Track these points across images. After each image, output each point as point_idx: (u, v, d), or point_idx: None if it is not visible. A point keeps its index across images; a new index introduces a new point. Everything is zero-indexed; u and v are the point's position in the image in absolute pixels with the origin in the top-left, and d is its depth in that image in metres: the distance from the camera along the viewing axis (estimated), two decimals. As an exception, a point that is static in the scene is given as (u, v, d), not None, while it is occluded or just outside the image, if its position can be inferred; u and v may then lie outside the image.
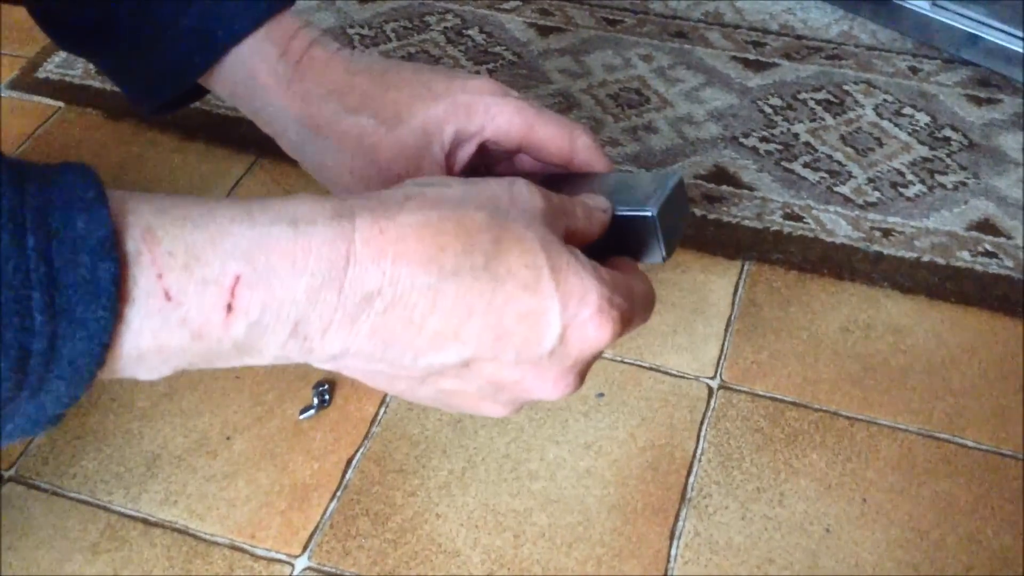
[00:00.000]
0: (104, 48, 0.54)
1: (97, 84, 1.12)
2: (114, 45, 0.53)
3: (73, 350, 0.30)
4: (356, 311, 0.34)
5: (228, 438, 0.80)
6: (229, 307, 0.33)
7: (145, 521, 0.75)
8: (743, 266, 0.93)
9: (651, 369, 0.84)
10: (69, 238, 0.30)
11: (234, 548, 0.73)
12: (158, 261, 0.32)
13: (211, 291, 0.32)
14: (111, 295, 0.31)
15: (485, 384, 0.38)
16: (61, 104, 1.10)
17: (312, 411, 0.80)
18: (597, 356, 0.40)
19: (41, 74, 1.14)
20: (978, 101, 1.09)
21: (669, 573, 0.72)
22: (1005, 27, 1.09)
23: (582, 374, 0.40)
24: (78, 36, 0.55)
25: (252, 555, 0.73)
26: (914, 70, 1.14)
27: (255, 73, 0.50)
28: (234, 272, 0.32)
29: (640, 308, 0.41)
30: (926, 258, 0.92)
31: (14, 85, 1.13)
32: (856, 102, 1.09)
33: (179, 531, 0.74)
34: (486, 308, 0.36)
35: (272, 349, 0.35)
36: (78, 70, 1.14)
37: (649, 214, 0.43)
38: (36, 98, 1.11)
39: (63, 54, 1.17)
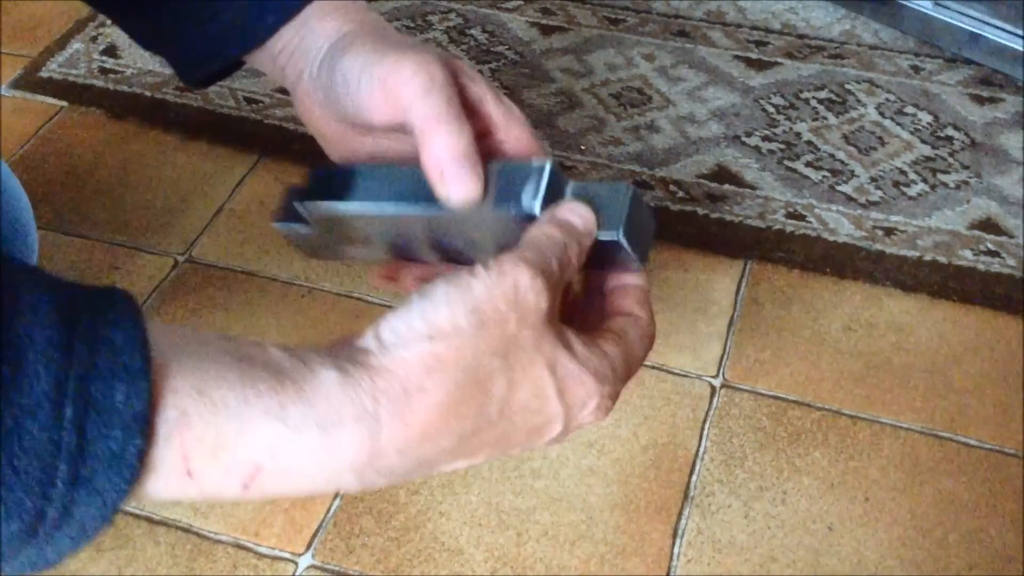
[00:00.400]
0: (158, 15, 0.54)
1: (100, 83, 1.13)
2: (171, 10, 0.53)
3: (86, 515, 0.31)
4: (373, 481, 0.37)
5: (232, 436, 0.80)
6: (246, 488, 0.35)
7: (149, 519, 0.75)
8: (745, 265, 0.93)
9: (654, 368, 0.84)
10: (106, 410, 0.31)
11: (238, 546, 0.73)
12: (187, 445, 0.33)
13: (232, 475, 0.34)
14: (134, 471, 0.31)
15: (485, 460, 0.43)
16: (64, 103, 1.11)
17: None
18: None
19: (44, 73, 1.14)
20: (980, 100, 1.10)
21: (672, 571, 0.72)
22: (1007, 26, 1.09)
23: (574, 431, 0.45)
24: (130, 3, 0.54)
25: (256, 553, 0.73)
26: (916, 69, 1.14)
27: (317, 8, 0.50)
28: (257, 463, 0.34)
29: (636, 369, 0.44)
30: (928, 257, 0.92)
31: (17, 84, 1.13)
32: (858, 101, 1.09)
33: (183, 529, 0.74)
34: (497, 439, 0.39)
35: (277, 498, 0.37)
36: (81, 69, 1.14)
37: (613, 238, 0.44)
38: (39, 97, 1.11)
39: (66, 53, 1.17)
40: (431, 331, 0.38)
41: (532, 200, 0.44)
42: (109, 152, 1.05)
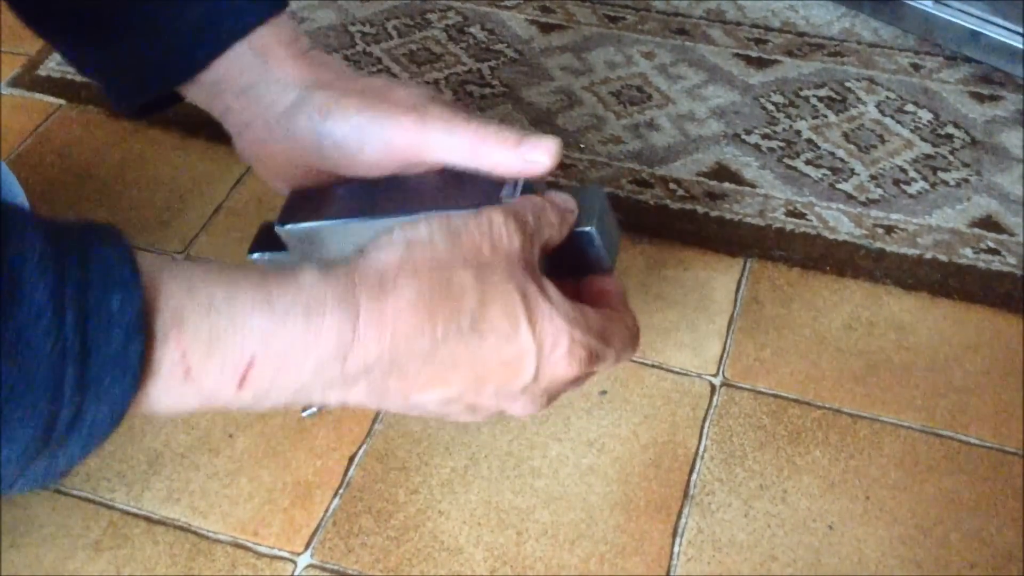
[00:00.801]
0: (96, 38, 0.54)
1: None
2: (110, 34, 0.53)
3: (95, 418, 0.33)
4: (355, 378, 0.39)
5: (230, 436, 0.80)
6: (241, 383, 0.36)
7: (147, 519, 0.75)
8: (745, 263, 0.93)
9: (653, 366, 0.84)
10: (104, 315, 0.32)
11: (237, 546, 0.73)
12: (183, 343, 0.35)
13: (228, 370, 0.36)
14: (136, 371, 0.33)
15: (464, 408, 0.44)
16: (62, 102, 1.10)
17: (314, 409, 0.80)
18: (569, 385, 0.45)
19: (42, 72, 1.14)
20: (980, 98, 1.09)
21: (672, 570, 0.72)
22: (1007, 24, 1.09)
23: (552, 397, 0.45)
24: (67, 24, 0.55)
25: (255, 553, 0.73)
26: (916, 67, 1.13)
27: (266, 50, 0.51)
28: (250, 354, 0.36)
29: (617, 345, 0.46)
30: (929, 255, 0.92)
31: (15, 83, 1.13)
32: (858, 99, 1.09)
33: (181, 529, 0.74)
34: (471, 360, 0.41)
35: (271, 405, 0.39)
36: (79, 68, 1.14)
37: (588, 230, 0.48)
38: (37, 95, 1.11)
39: (64, 52, 1.17)
40: (408, 241, 0.41)
41: (510, 196, 0.46)
42: (107, 150, 1.05)
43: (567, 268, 0.48)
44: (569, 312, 0.42)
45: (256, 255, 0.51)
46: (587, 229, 0.48)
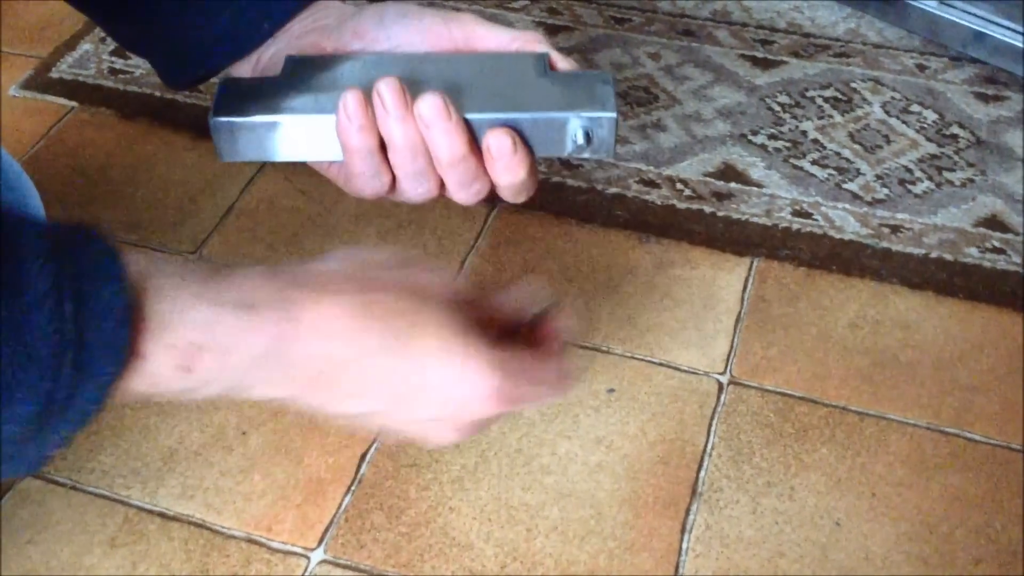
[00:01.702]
0: (154, 15, 0.55)
1: (110, 84, 1.13)
2: (171, 11, 0.54)
3: (85, 399, 0.36)
4: (290, 374, 0.41)
5: (244, 433, 0.81)
6: (188, 368, 0.39)
7: (162, 515, 0.76)
8: (752, 262, 0.93)
9: (661, 365, 0.85)
10: (97, 306, 0.35)
11: (251, 541, 0.74)
12: (137, 326, 0.37)
13: (174, 354, 0.38)
14: (123, 355, 0.36)
15: (384, 422, 0.46)
16: (74, 104, 1.11)
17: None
18: (487, 422, 0.46)
19: (54, 74, 1.15)
20: (985, 98, 1.10)
21: (680, 566, 0.73)
22: (1012, 24, 1.10)
23: (471, 431, 0.46)
24: (126, 4, 0.55)
25: (268, 548, 0.74)
26: (921, 68, 1.14)
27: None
28: (195, 342, 0.38)
29: (541, 391, 0.46)
30: (934, 254, 0.93)
31: (27, 85, 1.14)
32: (864, 99, 1.10)
33: (196, 525, 0.75)
34: (388, 379, 0.42)
35: (207, 395, 0.41)
36: (91, 70, 1.15)
37: (612, 114, 0.49)
38: (49, 98, 1.12)
39: (77, 54, 1.18)
40: (364, 261, 0.43)
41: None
42: (119, 152, 1.06)
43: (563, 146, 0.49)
44: (498, 358, 0.43)
45: (222, 119, 0.49)
46: (611, 114, 0.48)
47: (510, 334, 0.47)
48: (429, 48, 0.51)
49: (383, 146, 0.47)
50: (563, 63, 0.51)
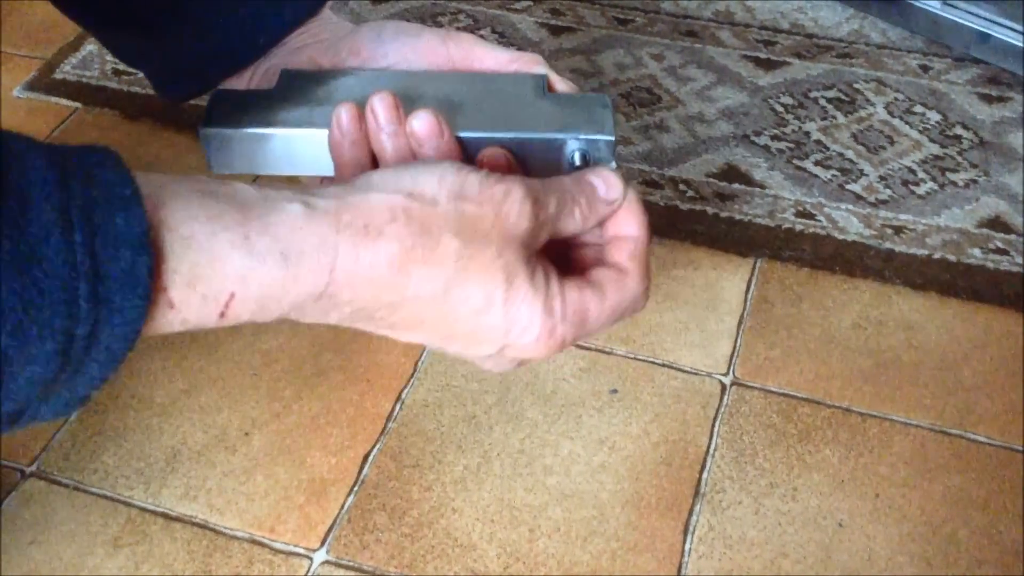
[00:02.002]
0: (148, 29, 0.55)
1: (114, 85, 1.14)
2: (165, 25, 0.54)
3: (111, 335, 0.34)
4: (327, 312, 0.40)
5: (247, 433, 0.81)
6: (223, 315, 0.37)
7: (165, 516, 0.76)
8: (755, 263, 0.93)
9: (664, 366, 0.85)
10: (111, 233, 0.33)
11: (253, 542, 0.74)
12: (164, 277, 0.35)
13: (209, 304, 0.37)
14: (146, 286, 0.34)
15: (436, 347, 0.44)
16: (78, 105, 1.12)
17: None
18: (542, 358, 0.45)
19: (58, 75, 1.15)
20: (988, 99, 1.10)
21: (683, 567, 0.73)
22: (1015, 25, 1.10)
23: (521, 364, 0.45)
24: (114, 19, 0.56)
25: (271, 549, 0.74)
26: (925, 68, 1.14)
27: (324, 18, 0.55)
28: (230, 291, 0.37)
29: (599, 324, 0.45)
30: (937, 255, 0.93)
31: (31, 86, 1.14)
32: (867, 100, 1.10)
33: (199, 525, 0.75)
34: (436, 320, 0.41)
35: (252, 322, 0.40)
36: (95, 71, 1.15)
37: (610, 137, 0.48)
38: (53, 99, 1.12)
39: (80, 55, 1.18)
40: (412, 190, 0.41)
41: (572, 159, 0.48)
42: (123, 153, 1.06)
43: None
44: (548, 300, 0.42)
45: (213, 130, 0.48)
46: (610, 137, 0.48)
47: (578, 246, 0.46)
48: (427, 66, 0.51)
49: (375, 162, 0.47)
50: (562, 85, 0.51)
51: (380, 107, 0.45)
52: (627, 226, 0.46)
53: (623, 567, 0.73)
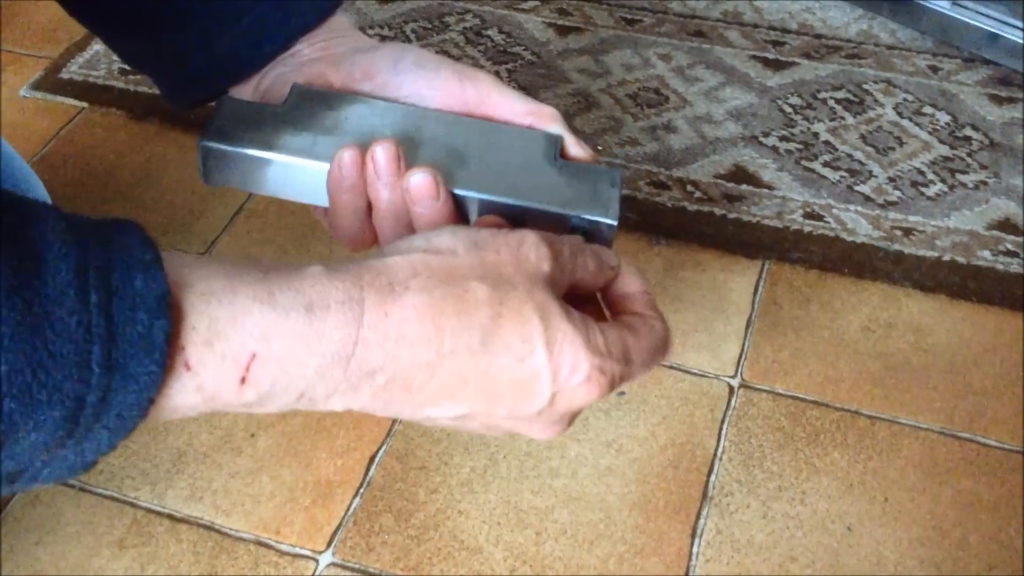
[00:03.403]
0: (159, 35, 0.54)
1: (120, 85, 1.13)
2: (169, 35, 0.53)
3: (123, 402, 0.32)
4: (359, 383, 0.37)
5: (252, 435, 0.81)
6: (243, 380, 0.35)
7: (171, 517, 0.76)
8: (763, 265, 0.93)
9: (672, 368, 0.85)
10: (129, 296, 0.32)
11: (259, 544, 0.74)
12: (182, 336, 0.34)
13: (228, 365, 0.35)
14: (163, 351, 0.32)
15: (479, 427, 0.42)
16: (85, 104, 1.11)
17: None
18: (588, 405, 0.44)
19: (65, 75, 1.15)
20: (999, 100, 1.09)
21: (691, 571, 0.72)
22: (1026, 26, 1.09)
23: (571, 421, 0.43)
24: (129, 22, 0.55)
25: (277, 551, 0.74)
26: (934, 69, 1.13)
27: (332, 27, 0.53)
28: (251, 350, 0.35)
29: (643, 359, 0.43)
30: (947, 257, 0.92)
31: (38, 86, 1.14)
32: (876, 101, 1.09)
33: (205, 527, 0.75)
34: (480, 377, 0.39)
35: (278, 407, 0.38)
36: (101, 71, 1.15)
37: (613, 222, 0.47)
38: (60, 98, 1.12)
39: (87, 55, 1.18)
40: (428, 246, 0.40)
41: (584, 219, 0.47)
42: (130, 153, 1.06)
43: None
44: (589, 336, 0.40)
45: (212, 144, 0.46)
46: (611, 222, 0.46)
47: (592, 300, 0.45)
48: (440, 104, 0.50)
49: (371, 207, 0.46)
50: (576, 149, 0.49)
51: (381, 157, 0.44)
52: (630, 285, 0.46)
53: (630, 570, 0.72)
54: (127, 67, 1.15)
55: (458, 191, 0.45)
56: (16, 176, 0.67)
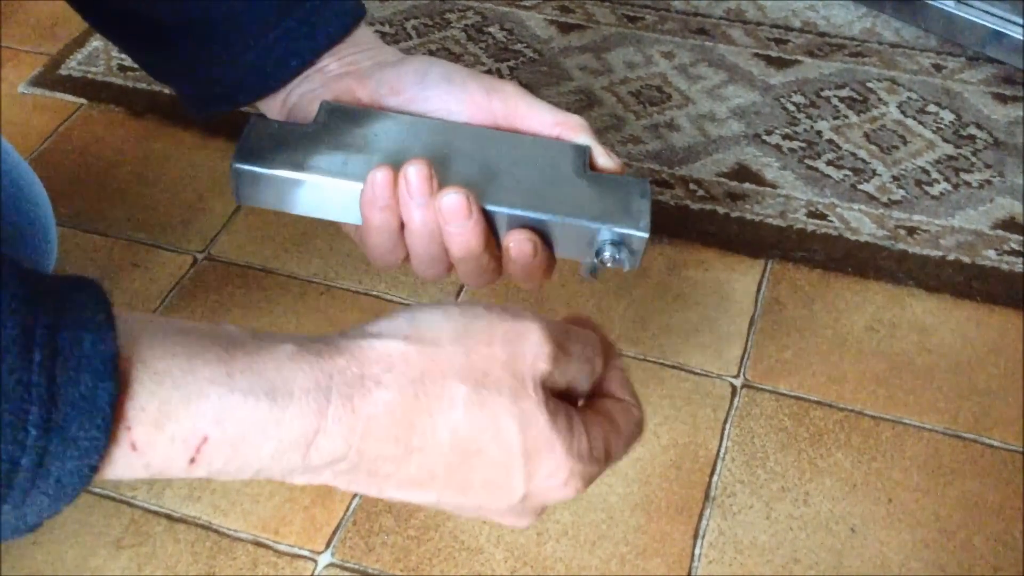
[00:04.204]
0: (182, 49, 0.54)
1: (119, 81, 1.13)
2: (198, 46, 0.53)
3: (62, 468, 0.31)
4: (319, 468, 0.36)
5: (251, 434, 0.80)
6: (192, 460, 0.34)
7: (169, 517, 0.75)
8: (766, 264, 0.92)
9: (674, 367, 0.84)
10: (75, 356, 0.30)
11: (258, 544, 0.73)
12: (128, 415, 0.32)
13: (177, 447, 0.33)
14: (107, 416, 0.31)
15: (451, 510, 0.41)
16: (83, 101, 1.11)
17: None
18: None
19: (63, 71, 1.14)
20: (1003, 99, 1.09)
21: (693, 572, 0.72)
22: (1030, 24, 1.09)
23: (541, 512, 0.42)
24: (151, 35, 0.54)
25: (275, 551, 0.73)
26: (938, 67, 1.13)
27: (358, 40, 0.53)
28: (203, 433, 0.33)
29: (618, 455, 0.42)
30: (951, 256, 0.92)
31: (36, 82, 1.13)
32: (880, 100, 1.09)
33: (203, 527, 0.74)
34: (450, 475, 0.37)
35: (232, 478, 0.37)
36: (100, 67, 1.15)
37: (644, 234, 0.46)
38: (59, 95, 1.12)
39: (86, 51, 1.17)
40: (410, 333, 0.38)
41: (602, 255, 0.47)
42: (128, 150, 1.06)
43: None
44: (574, 445, 0.39)
45: (244, 167, 0.47)
46: (643, 234, 0.46)
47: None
48: (468, 118, 0.49)
49: (403, 225, 0.46)
50: (604, 159, 0.49)
51: (414, 177, 0.44)
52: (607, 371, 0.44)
53: (632, 571, 0.72)
54: (127, 63, 1.15)
55: (489, 207, 0.46)
56: (13, 174, 0.67)
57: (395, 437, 0.36)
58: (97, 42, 1.18)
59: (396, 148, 0.47)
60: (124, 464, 0.33)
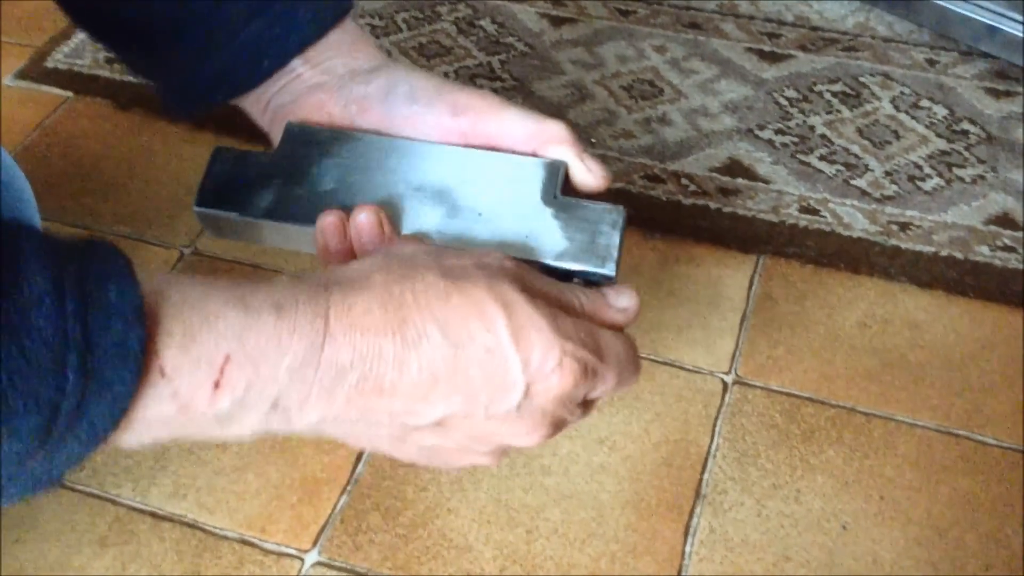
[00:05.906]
0: (157, 47, 0.53)
1: (106, 74, 1.12)
2: (172, 44, 0.52)
3: (96, 411, 0.32)
4: (332, 384, 0.38)
5: (238, 431, 0.79)
6: (217, 384, 0.35)
7: (154, 515, 0.74)
8: (758, 260, 0.92)
9: (665, 364, 0.83)
10: (104, 305, 0.32)
11: (244, 542, 0.73)
12: (157, 340, 0.34)
13: (203, 369, 0.35)
14: (139, 360, 0.33)
15: (463, 438, 0.41)
16: (70, 94, 1.10)
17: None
18: (570, 405, 0.42)
19: (49, 64, 1.13)
20: (996, 94, 1.08)
21: (684, 570, 0.71)
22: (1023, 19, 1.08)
23: (556, 423, 0.42)
24: (128, 33, 0.54)
25: (262, 549, 0.72)
26: (931, 62, 1.12)
27: (338, 45, 0.52)
28: (225, 352, 0.35)
29: (614, 362, 0.42)
30: (944, 252, 0.91)
31: (22, 75, 1.12)
32: (873, 94, 1.08)
33: (188, 525, 0.74)
34: (450, 373, 0.39)
35: (253, 422, 0.37)
36: (87, 60, 1.14)
37: (610, 273, 0.45)
38: (44, 88, 1.10)
39: (72, 44, 1.16)
40: (388, 252, 0.42)
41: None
42: (115, 143, 1.04)
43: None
44: (560, 324, 0.40)
45: (203, 209, 0.48)
46: (608, 272, 0.45)
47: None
48: (436, 138, 0.48)
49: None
50: (582, 175, 0.47)
51: (366, 224, 0.45)
52: (611, 298, 0.45)
53: (622, 569, 0.71)
54: (112, 56, 1.14)
55: (447, 243, 0.45)
56: (9, 187, 0.66)
57: (391, 330, 0.38)
58: (83, 35, 1.17)
59: (355, 179, 0.47)
60: (153, 396, 0.34)
